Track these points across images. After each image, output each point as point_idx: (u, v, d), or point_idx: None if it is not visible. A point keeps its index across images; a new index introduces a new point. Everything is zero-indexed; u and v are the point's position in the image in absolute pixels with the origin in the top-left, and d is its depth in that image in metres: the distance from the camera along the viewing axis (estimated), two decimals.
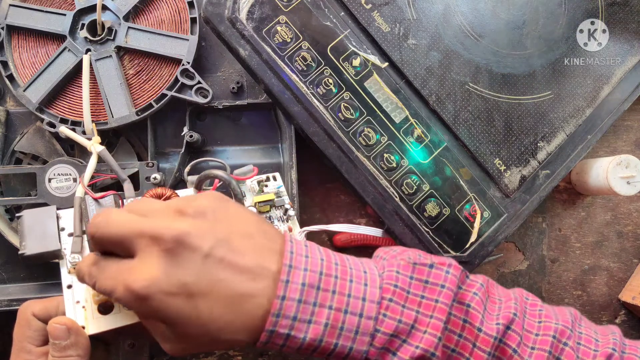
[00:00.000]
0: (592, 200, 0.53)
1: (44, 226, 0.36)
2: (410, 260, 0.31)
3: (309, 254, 0.29)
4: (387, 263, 0.32)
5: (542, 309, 0.34)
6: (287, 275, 0.27)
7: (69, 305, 0.33)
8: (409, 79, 0.42)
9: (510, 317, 0.31)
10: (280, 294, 0.27)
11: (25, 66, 0.44)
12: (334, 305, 0.28)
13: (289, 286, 0.27)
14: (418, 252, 0.33)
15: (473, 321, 0.30)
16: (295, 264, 0.28)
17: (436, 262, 0.31)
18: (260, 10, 0.41)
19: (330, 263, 0.29)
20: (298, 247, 0.29)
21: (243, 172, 0.42)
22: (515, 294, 0.34)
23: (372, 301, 0.29)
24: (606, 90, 0.46)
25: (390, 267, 0.31)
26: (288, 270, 0.28)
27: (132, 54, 0.44)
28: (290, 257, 0.28)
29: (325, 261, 0.29)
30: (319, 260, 0.29)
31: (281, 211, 0.42)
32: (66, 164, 0.42)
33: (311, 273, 0.28)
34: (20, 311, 0.33)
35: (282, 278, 0.27)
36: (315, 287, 0.28)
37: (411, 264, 0.31)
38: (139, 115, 0.44)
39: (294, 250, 0.29)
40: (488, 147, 0.43)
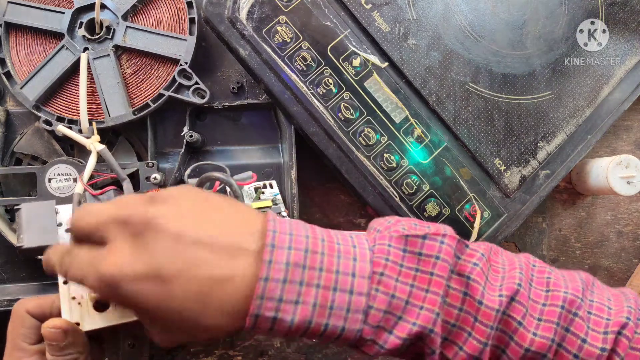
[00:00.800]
0: (592, 200, 0.53)
1: (43, 220, 0.36)
2: (404, 231, 0.29)
3: (293, 232, 0.27)
4: (379, 236, 0.30)
5: (549, 277, 0.31)
6: (270, 255, 0.26)
7: (65, 301, 0.33)
8: (409, 79, 0.42)
9: (515, 289, 0.29)
10: (262, 276, 0.26)
11: (23, 64, 0.44)
12: (321, 284, 0.27)
13: (272, 266, 0.26)
14: (413, 221, 0.31)
15: (474, 294, 0.29)
16: (279, 243, 0.26)
17: (430, 233, 0.29)
18: (260, 10, 0.41)
19: (317, 240, 0.28)
20: (281, 225, 0.28)
21: (242, 177, 0.42)
22: (520, 261, 0.31)
23: (363, 276, 0.27)
24: (606, 90, 0.46)
25: (381, 240, 0.29)
26: (271, 250, 0.26)
27: (130, 53, 0.44)
28: (273, 235, 0.27)
29: (310, 238, 0.28)
30: (304, 238, 0.27)
31: None
32: (66, 164, 0.42)
33: (296, 251, 0.26)
34: (14, 309, 0.32)
35: (265, 258, 0.26)
36: (300, 265, 0.26)
37: (403, 237, 0.29)
38: (135, 114, 0.43)
39: (277, 229, 0.27)
40: (488, 147, 0.43)
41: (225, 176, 0.38)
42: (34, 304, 0.32)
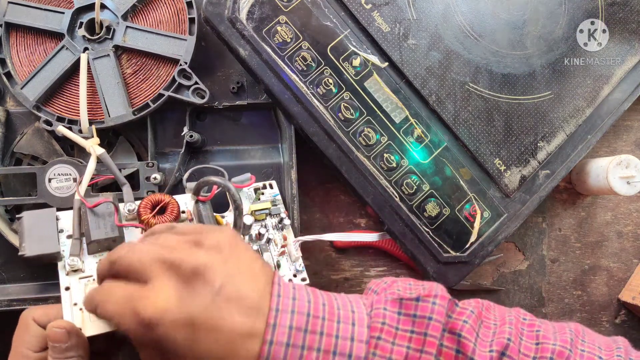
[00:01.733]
0: (592, 200, 0.53)
1: (44, 228, 0.36)
2: (399, 293, 0.31)
3: (296, 296, 0.29)
4: (376, 299, 0.31)
5: (539, 330, 0.32)
6: (275, 319, 0.28)
7: (67, 307, 0.33)
8: (409, 79, 0.42)
9: (504, 343, 0.30)
10: (268, 339, 0.27)
11: (23, 64, 0.44)
12: (322, 348, 0.28)
13: (277, 330, 0.27)
14: (408, 281, 0.33)
15: (465, 350, 0.30)
16: (282, 307, 0.28)
17: (422, 295, 0.31)
18: (260, 10, 0.41)
19: (318, 304, 0.29)
20: (285, 289, 0.29)
21: (241, 180, 0.42)
22: (511, 315, 0.33)
23: (361, 341, 0.29)
24: (606, 90, 0.46)
25: (377, 305, 0.31)
26: (275, 314, 0.28)
27: (130, 53, 0.44)
28: (277, 300, 0.28)
29: (312, 303, 0.29)
30: (306, 303, 0.29)
31: (277, 219, 0.42)
32: (66, 164, 0.42)
33: (298, 315, 0.28)
34: (21, 316, 0.33)
35: (270, 322, 0.27)
36: (302, 329, 0.28)
37: (398, 300, 0.31)
38: (135, 114, 0.43)
39: (281, 293, 0.29)
40: (488, 147, 0.43)
41: (223, 180, 0.38)
42: (41, 312, 0.33)
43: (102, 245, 0.36)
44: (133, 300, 0.27)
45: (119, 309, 0.27)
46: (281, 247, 0.41)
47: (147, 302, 0.26)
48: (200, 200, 0.40)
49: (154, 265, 0.28)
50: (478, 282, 0.51)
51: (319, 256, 0.50)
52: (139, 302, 0.27)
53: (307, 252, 0.49)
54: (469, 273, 0.43)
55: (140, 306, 0.26)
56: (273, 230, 0.42)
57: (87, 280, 0.35)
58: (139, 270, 0.28)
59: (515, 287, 0.52)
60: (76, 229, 0.36)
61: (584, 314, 0.52)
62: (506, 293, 0.52)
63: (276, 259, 0.41)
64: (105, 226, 0.36)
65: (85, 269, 0.35)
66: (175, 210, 0.38)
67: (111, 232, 0.36)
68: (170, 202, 0.38)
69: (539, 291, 0.52)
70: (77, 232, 0.36)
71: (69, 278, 0.35)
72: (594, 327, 0.52)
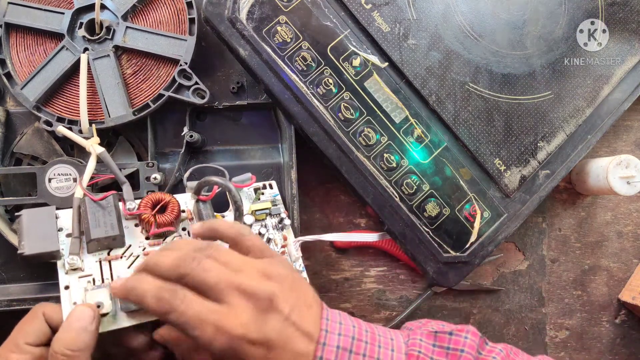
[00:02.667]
0: (592, 200, 0.53)
1: (43, 226, 0.36)
2: (433, 329, 0.34)
3: (342, 321, 0.32)
4: (412, 332, 0.34)
5: None
6: (324, 339, 0.31)
7: (66, 306, 0.33)
8: (409, 79, 0.42)
9: None
10: (318, 355, 0.30)
11: (23, 64, 0.44)
12: None
13: (326, 348, 0.30)
14: (441, 323, 0.36)
15: None
16: (331, 329, 0.31)
17: (455, 330, 0.34)
18: (260, 10, 0.41)
19: (361, 330, 0.32)
20: (332, 314, 0.33)
21: (241, 180, 0.42)
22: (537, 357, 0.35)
23: None
24: (606, 90, 0.46)
25: (414, 336, 0.34)
26: (325, 334, 0.31)
27: (130, 53, 0.44)
28: (326, 323, 0.32)
29: (356, 328, 0.32)
30: (351, 327, 0.32)
31: (277, 219, 0.42)
32: (66, 164, 0.42)
33: (344, 337, 0.31)
34: (34, 307, 0.34)
35: (320, 341, 0.31)
36: (348, 350, 0.31)
37: (433, 333, 0.34)
38: (135, 115, 0.43)
39: (329, 317, 0.32)
40: (488, 147, 0.43)
41: (223, 180, 0.38)
42: (52, 308, 0.33)
43: (102, 243, 0.36)
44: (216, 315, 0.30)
45: (201, 320, 0.29)
46: (281, 247, 0.41)
47: (233, 320, 0.29)
48: (200, 200, 0.40)
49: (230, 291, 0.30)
50: (478, 282, 0.51)
51: (319, 256, 0.50)
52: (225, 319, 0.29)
53: (307, 252, 0.49)
54: (469, 273, 0.43)
55: (226, 323, 0.29)
56: (273, 230, 0.42)
57: (86, 279, 0.35)
58: (215, 291, 0.30)
59: (515, 287, 0.52)
60: (76, 227, 0.36)
61: (584, 314, 0.52)
62: (506, 293, 0.52)
63: None
64: (105, 224, 0.36)
65: (85, 267, 0.35)
66: (175, 209, 0.38)
67: (111, 230, 0.36)
68: (170, 201, 0.38)
69: (539, 291, 0.52)
70: (76, 231, 0.36)
71: (68, 277, 0.35)
72: (594, 327, 0.52)
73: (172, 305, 0.30)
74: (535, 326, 0.52)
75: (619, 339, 0.53)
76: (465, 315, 0.51)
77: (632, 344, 0.53)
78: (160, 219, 0.37)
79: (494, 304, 0.52)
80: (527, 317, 0.52)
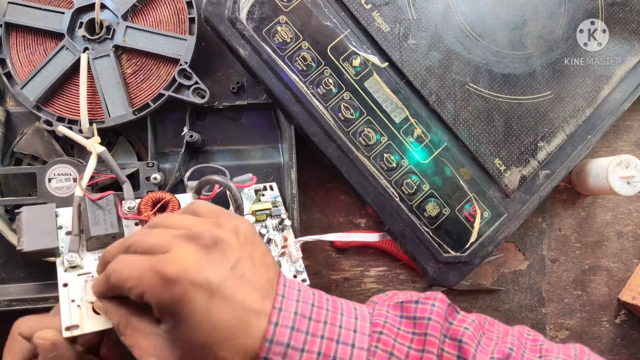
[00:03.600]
0: (592, 200, 0.53)
1: (43, 223, 0.35)
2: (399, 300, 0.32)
3: (301, 289, 0.30)
4: (378, 304, 0.32)
5: (542, 344, 0.32)
6: (281, 304, 0.29)
7: (64, 303, 0.33)
8: (409, 79, 0.42)
9: (507, 352, 0.30)
10: (274, 320, 0.28)
11: (23, 64, 0.44)
12: (325, 335, 0.29)
13: (282, 314, 0.28)
14: (409, 292, 0.34)
15: (466, 356, 0.30)
16: (288, 295, 0.29)
17: (422, 298, 0.32)
18: (260, 10, 0.41)
19: (322, 299, 0.31)
20: (291, 282, 0.31)
21: (242, 180, 0.42)
22: (514, 330, 0.33)
23: (364, 333, 0.30)
24: (606, 90, 0.46)
25: (380, 307, 0.32)
26: (281, 299, 0.29)
27: (130, 53, 0.44)
28: (283, 289, 0.30)
29: (317, 295, 0.30)
30: (311, 294, 0.30)
31: (277, 220, 0.42)
32: (66, 164, 0.42)
33: (303, 304, 0.29)
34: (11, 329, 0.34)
35: (276, 305, 0.28)
36: (307, 317, 0.29)
37: (399, 303, 0.32)
38: (135, 114, 0.43)
39: (286, 284, 0.30)
40: (488, 147, 0.43)
41: (224, 179, 0.38)
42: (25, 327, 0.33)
43: (102, 241, 0.36)
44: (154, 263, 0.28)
45: (138, 271, 0.28)
46: (281, 247, 0.41)
47: (169, 261, 0.27)
48: (201, 199, 0.40)
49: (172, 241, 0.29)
50: (478, 282, 0.51)
51: (319, 256, 0.50)
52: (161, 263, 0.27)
53: (307, 252, 0.49)
54: (469, 273, 0.43)
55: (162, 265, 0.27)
56: (273, 231, 0.42)
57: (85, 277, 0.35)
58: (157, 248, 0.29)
59: (515, 287, 0.52)
60: (75, 225, 0.36)
61: (584, 314, 0.52)
62: (506, 293, 0.52)
63: (276, 260, 0.41)
64: (104, 222, 0.36)
65: (84, 265, 0.35)
66: (176, 208, 0.38)
67: (111, 228, 0.36)
68: (171, 200, 0.38)
69: (539, 291, 0.52)
70: (76, 228, 0.36)
71: (67, 274, 0.35)
72: (594, 327, 0.52)
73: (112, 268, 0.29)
74: (535, 326, 0.52)
75: (619, 339, 0.53)
76: None
77: (632, 344, 0.53)
78: None
79: (494, 304, 0.52)
80: (527, 317, 0.52)
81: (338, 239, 0.45)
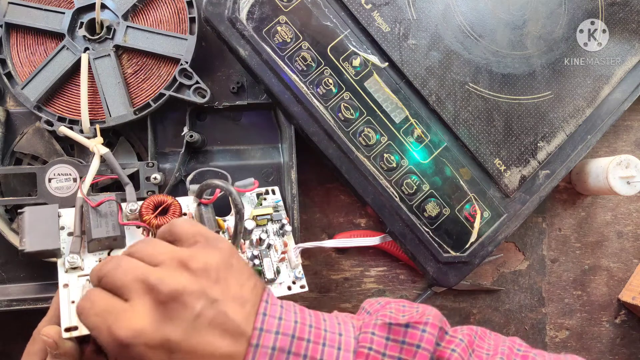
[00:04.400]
0: (592, 200, 0.53)
1: (45, 224, 0.36)
2: (391, 315, 0.31)
3: (282, 316, 0.29)
4: (365, 324, 0.31)
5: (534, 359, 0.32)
6: (257, 339, 0.27)
7: (64, 304, 0.33)
8: (409, 79, 0.42)
9: None
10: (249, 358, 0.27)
11: (24, 64, 0.44)
12: None
13: (259, 350, 0.27)
14: (402, 302, 0.33)
15: None
16: (267, 326, 0.28)
17: (412, 321, 0.30)
18: (260, 10, 0.41)
19: (304, 325, 0.29)
20: (273, 309, 0.29)
21: (244, 184, 0.42)
22: (505, 345, 0.32)
23: None
24: (606, 90, 0.46)
25: (366, 328, 0.30)
26: (259, 334, 0.27)
27: (131, 53, 0.44)
28: (262, 319, 0.28)
29: (299, 324, 0.29)
30: (292, 323, 0.28)
31: (278, 225, 0.42)
32: (66, 164, 0.42)
33: (282, 336, 0.28)
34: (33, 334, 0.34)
35: (252, 342, 0.27)
36: (285, 351, 0.27)
37: (387, 324, 0.30)
38: (136, 114, 0.43)
39: (267, 312, 0.28)
40: (488, 147, 0.43)
41: (225, 184, 0.38)
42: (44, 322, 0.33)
43: (103, 244, 0.36)
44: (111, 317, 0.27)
45: (97, 323, 0.27)
46: (281, 253, 0.41)
47: (123, 322, 0.26)
48: (202, 203, 0.40)
49: (134, 284, 0.27)
50: (478, 282, 0.51)
51: (319, 256, 0.50)
52: (116, 320, 0.26)
53: (307, 252, 0.49)
54: (469, 273, 0.43)
55: (115, 325, 0.26)
56: (274, 236, 0.42)
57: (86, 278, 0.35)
58: (120, 288, 0.28)
59: (515, 287, 0.52)
60: (77, 226, 0.36)
61: (584, 314, 0.52)
62: (506, 293, 0.52)
63: (276, 265, 0.41)
64: (106, 225, 0.36)
65: (85, 267, 0.35)
66: (177, 211, 0.38)
67: (112, 231, 0.36)
68: (172, 204, 0.38)
69: (539, 291, 0.52)
70: (78, 230, 0.36)
71: (67, 275, 0.35)
72: (594, 327, 0.52)
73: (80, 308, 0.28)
74: (535, 326, 0.52)
75: (619, 339, 0.53)
76: (465, 315, 0.51)
77: (632, 344, 0.53)
78: (161, 222, 0.37)
79: (494, 304, 0.52)
80: (527, 317, 0.52)
81: (338, 245, 0.45)
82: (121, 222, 0.37)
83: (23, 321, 0.34)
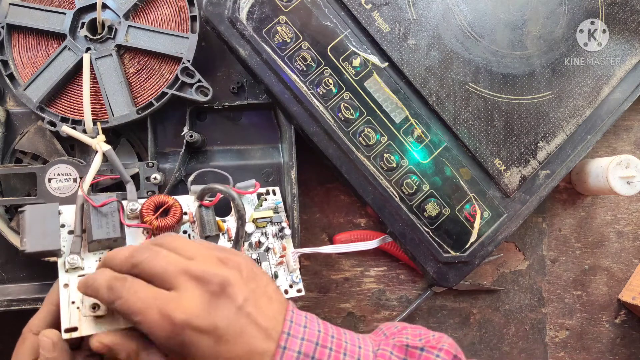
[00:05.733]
0: (592, 200, 0.53)
1: (46, 224, 0.35)
2: (407, 340, 0.32)
3: (307, 325, 0.31)
4: (384, 342, 0.32)
5: None
6: (285, 342, 0.29)
7: (64, 305, 0.33)
8: (409, 79, 0.42)
9: None
10: (277, 359, 0.28)
11: (26, 65, 0.44)
12: None
13: (286, 352, 0.29)
14: (419, 329, 0.34)
15: None
16: (294, 332, 0.30)
17: (428, 346, 0.32)
18: (260, 10, 0.41)
19: (327, 335, 0.31)
20: (298, 317, 0.31)
21: (245, 186, 0.42)
22: None
23: None
24: (606, 90, 0.46)
25: (385, 346, 0.32)
26: (286, 338, 0.29)
27: (133, 52, 0.44)
28: (290, 325, 0.30)
29: (322, 333, 0.31)
30: (316, 332, 0.30)
31: (277, 228, 0.42)
32: (66, 163, 0.42)
33: (307, 343, 0.30)
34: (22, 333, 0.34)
35: (281, 344, 0.29)
36: (310, 356, 0.29)
37: (404, 346, 0.32)
38: (139, 113, 0.43)
39: (293, 320, 0.30)
40: (488, 147, 0.43)
41: (226, 188, 0.38)
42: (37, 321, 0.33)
43: (103, 244, 0.36)
44: (161, 301, 0.28)
45: (145, 306, 0.28)
46: (280, 256, 0.41)
47: (177, 305, 0.28)
48: (203, 205, 0.40)
49: (180, 276, 0.29)
50: (478, 282, 0.51)
51: (319, 256, 0.50)
52: (169, 304, 0.28)
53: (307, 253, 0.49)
54: (469, 273, 0.43)
55: (170, 308, 0.28)
56: (273, 238, 0.42)
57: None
58: (164, 278, 0.29)
59: (515, 287, 0.52)
60: (78, 226, 0.36)
61: (584, 314, 0.52)
62: (506, 293, 0.52)
63: (274, 269, 0.41)
64: (107, 226, 0.36)
65: (85, 267, 0.35)
66: (178, 212, 0.38)
67: (113, 232, 0.36)
68: (173, 205, 0.38)
69: (539, 291, 0.52)
70: (78, 230, 0.36)
71: (68, 275, 0.35)
72: (594, 327, 0.52)
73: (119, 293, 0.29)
74: (535, 326, 0.52)
75: (619, 339, 0.53)
76: (465, 315, 0.51)
77: (632, 344, 0.53)
78: (162, 222, 0.37)
79: (494, 304, 0.52)
80: (527, 317, 0.52)
81: (335, 250, 0.45)
82: (123, 222, 0.37)
83: (23, 321, 0.34)
